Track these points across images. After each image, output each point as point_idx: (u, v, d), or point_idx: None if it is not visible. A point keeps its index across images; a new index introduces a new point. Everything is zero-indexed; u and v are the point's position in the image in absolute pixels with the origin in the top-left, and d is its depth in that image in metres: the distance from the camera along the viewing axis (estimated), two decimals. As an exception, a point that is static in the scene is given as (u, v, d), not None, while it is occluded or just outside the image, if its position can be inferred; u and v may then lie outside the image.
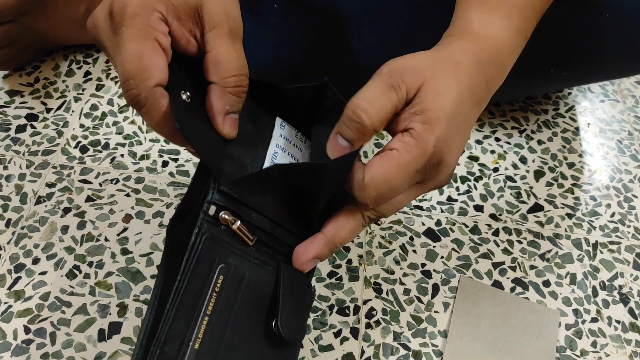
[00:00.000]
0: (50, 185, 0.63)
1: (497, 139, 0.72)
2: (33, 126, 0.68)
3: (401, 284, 0.58)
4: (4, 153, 0.65)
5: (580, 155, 0.71)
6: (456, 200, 0.65)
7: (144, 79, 0.32)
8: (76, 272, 0.56)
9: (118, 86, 0.73)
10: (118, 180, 0.63)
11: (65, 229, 0.59)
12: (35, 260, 0.57)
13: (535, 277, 0.60)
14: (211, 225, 0.34)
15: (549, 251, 0.62)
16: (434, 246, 0.61)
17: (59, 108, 0.70)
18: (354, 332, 0.54)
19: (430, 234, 0.62)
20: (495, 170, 0.69)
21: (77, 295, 0.55)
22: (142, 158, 0.66)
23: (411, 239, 0.61)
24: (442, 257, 0.60)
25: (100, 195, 0.62)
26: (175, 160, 0.66)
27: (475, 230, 0.63)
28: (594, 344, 0.56)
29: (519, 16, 0.41)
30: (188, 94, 0.35)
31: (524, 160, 0.70)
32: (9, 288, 0.55)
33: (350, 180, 0.35)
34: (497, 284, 0.59)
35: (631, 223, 0.65)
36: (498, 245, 0.62)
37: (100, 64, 0.75)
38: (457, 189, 0.66)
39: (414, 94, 0.36)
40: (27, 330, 0.52)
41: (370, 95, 0.36)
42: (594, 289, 0.60)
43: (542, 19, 0.45)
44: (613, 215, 0.66)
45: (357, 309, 0.56)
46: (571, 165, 0.70)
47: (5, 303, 0.54)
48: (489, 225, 0.63)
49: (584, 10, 0.58)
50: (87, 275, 0.56)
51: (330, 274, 0.58)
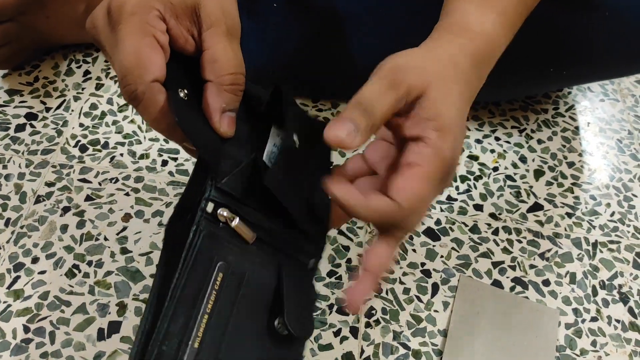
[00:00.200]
0: (49, 184, 0.63)
1: (497, 138, 0.72)
2: (32, 125, 0.68)
3: (401, 283, 0.58)
4: (4, 152, 0.65)
5: (580, 155, 0.71)
6: (456, 200, 0.65)
7: (141, 75, 0.32)
8: (75, 272, 0.56)
9: (117, 85, 0.73)
10: (117, 180, 0.63)
11: (64, 228, 0.59)
12: (35, 260, 0.57)
13: (535, 277, 0.60)
14: (209, 222, 0.33)
15: (549, 250, 0.62)
16: (434, 245, 0.61)
17: (58, 107, 0.70)
18: (354, 332, 0.54)
19: (429, 233, 0.62)
20: (495, 169, 0.69)
21: (77, 295, 0.55)
22: (142, 157, 0.66)
23: (411, 238, 0.61)
24: (442, 257, 0.60)
25: (99, 194, 0.62)
26: (175, 159, 0.66)
27: (475, 229, 0.63)
28: (594, 343, 0.56)
29: (513, 13, 0.41)
30: (186, 91, 0.35)
31: (523, 159, 0.70)
32: (8, 287, 0.55)
33: (380, 213, 0.34)
34: (497, 283, 0.59)
35: (631, 222, 0.65)
36: (498, 245, 0.62)
37: (99, 63, 0.75)
38: (457, 188, 0.66)
39: (417, 96, 0.35)
40: (27, 329, 0.52)
41: (374, 92, 0.35)
42: (594, 288, 0.59)
43: (541, 18, 0.45)
44: (613, 214, 0.66)
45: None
46: (571, 164, 0.70)
47: (4, 302, 0.54)
48: (489, 225, 0.63)
49: (582, 10, 0.58)
50: (87, 275, 0.56)
51: (330, 273, 0.58)
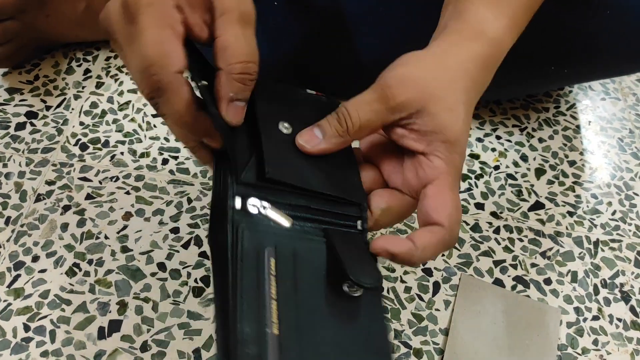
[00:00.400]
0: (49, 183, 0.62)
1: (498, 137, 0.72)
2: (33, 124, 0.68)
3: (402, 282, 0.58)
4: (4, 151, 0.65)
5: (581, 153, 0.71)
6: (457, 198, 0.65)
7: (166, 65, 0.32)
8: (76, 270, 0.56)
9: (118, 84, 0.72)
10: (118, 178, 0.63)
11: (65, 226, 0.59)
12: (35, 258, 0.57)
13: (537, 275, 0.60)
14: (243, 216, 0.33)
15: (550, 249, 0.62)
16: (435, 244, 0.61)
17: (58, 106, 0.70)
18: (355, 330, 0.54)
19: (431, 231, 0.62)
20: (496, 168, 0.68)
21: (77, 293, 0.55)
22: (142, 156, 0.65)
23: (412, 236, 0.61)
24: (443, 255, 0.60)
25: (100, 193, 0.62)
26: (175, 158, 0.66)
27: (476, 228, 0.63)
28: (595, 342, 0.56)
29: (521, 18, 0.41)
30: (205, 82, 0.34)
31: (524, 158, 0.70)
32: (9, 286, 0.55)
33: (434, 247, 0.35)
34: (498, 282, 0.59)
35: (632, 221, 0.65)
36: (499, 243, 0.62)
37: (100, 61, 0.75)
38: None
39: (417, 109, 0.36)
40: (27, 328, 0.52)
41: (359, 102, 0.37)
42: (595, 287, 0.59)
43: (543, 16, 0.45)
44: (614, 213, 0.65)
45: (358, 307, 0.56)
46: (572, 163, 0.70)
47: (4, 301, 0.54)
48: (490, 223, 0.63)
49: (584, 8, 0.58)
50: (87, 273, 0.56)
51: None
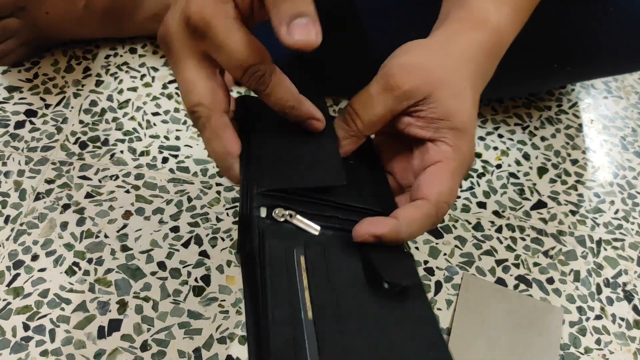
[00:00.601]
0: (49, 181, 0.62)
1: (500, 136, 0.71)
2: (32, 122, 0.67)
3: (403, 281, 0.57)
4: (3, 149, 0.65)
5: (584, 152, 0.71)
6: (459, 197, 0.65)
7: (263, 60, 0.32)
8: (75, 269, 0.56)
9: (118, 82, 0.72)
10: (118, 177, 0.63)
11: (64, 225, 0.59)
12: (35, 257, 0.56)
13: (539, 274, 0.59)
14: (269, 224, 0.33)
15: (553, 248, 0.61)
16: (437, 243, 0.61)
17: (58, 104, 0.69)
18: (356, 330, 0.54)
19: (432, 230, 0.61)
20: (498, 166, 0.68)
21: (77, 292, 0.54)
22: (142, 154, 0.65)
23: (413, 235, 0.61)
24: (445, 254, 0.60)
25: (99, 191, 0.62)
26: (175, 156, 0.65)
27: (478, 227, 0.62)
28: (598, 342, 0.55)
29: (524, 8, 0.41)
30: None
31: (527, 156, 0.70)
32: (8, 285, 0.54)
33: (419, 223, 0.34)
34: (501, 281, 0.58)
35: (635, 220, 0.65)
36: (501, 242, 0.61)
37: (99, 59, 0.74)
38: (460, 185, 0.66)
39: (423, 97, 0.35)
40: (26, 327, 0.52)
41: (364, 97, 0.36)
42: (598, 286, 0.59)
43: (545, 14, 0.45)
44: (617, 212, 0.65)
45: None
46: (574, 161, 0.70)
47: (4, 300, 0.53)
48: (492, 222, 0.63)
49: (586, 6, 0.57)
50: (87, 272, 0.56)
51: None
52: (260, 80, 0.32)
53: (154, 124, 0.68)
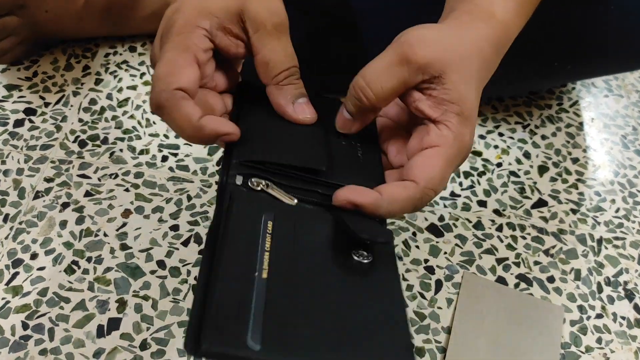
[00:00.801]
0: (48, 180, 0.62)
1: (501, 134, 0.71)
2: (31, 120, 0.67)
3: (404, 279, 0.57)
4: (2, 148, 0.64)
5: (584, 151, 0.71)
6: (459, 196, 0.64)
7: (168, 82, 0.33)
8: (75, 268, 0.56)
9: (117, 81, 0.72)
10: (117, 175, 0.63)
11: (63, 224, 0.58)
12: (34, 256, 0.56)
13: (540, 273, 0.59)
14: (243, 190, 0.33)
15: (553, 247, 0.61)
16: (437, 242, 0.60)
17: (57, 102, 0.69)
18: (356, 329, 0.54)
19: (433, 229, 0.61)
20: (499, 165, 0.68)
21: (76, 291, 0.54)
22: (142, 153, 0.65)
23: (414, 234, 0.61)
24: (446, 253, 0.60)
25: (99, 190, 0.61)
26: (175, 155, 0.65)
27: (478, 225, 0.62)
28: (599, 340, 0.55)
29: (530, 5, 0.41)
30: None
31: (527, 155, 0.69)
32: (7, 284, 0.54)
33: (401, 202, 0.34)
34: (501, 280, 0.58)
35: (636, 218, 0.64)
36: (502, 241, 0.61)
37: (99, 58, 0.74)
38: (461, 184, 0.66)
39: (437, 73, 0.35)
40: (25, 326, 0.52)
41: (377, 69, 0.35)
42: (599, 285, 0.59)
43: (545, 12, 0.45)
44: (617, 210, 0.65)
45: (360, 305, 0.55)
46: (575, 160, 0.70)
47: (3, 299, 0.53)
48: (493, 221, 0.63)
49: (588, 4, 0.57)
50: (86, 271, 0.55)
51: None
52: (156, 101, 0.34)
53: (154, 123, 0.68)
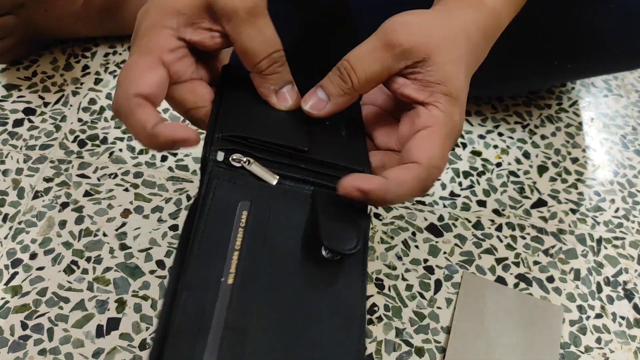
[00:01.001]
0: (48, 179, 0.62)
1: (500, 134, 0.71)
2: (31, 120, 0.67)
3: (403, 279, 0.57)
4: (1, 147, 0.64)
5: (584, 150, 0.71)
6: (459, 196, 0.64)
7: (126, 87, 0.33)
8: (74, 268, 0.56)
9: (116, 80, 0.72)
10: (116, 175, 0.63)
11: (63, 224, 0.58)
12: (33, 256, 0.56)
13: (539, 273, 0.59)
14: (223, 170, 0.32)
15: (553, 247, 0.61)
16: (437, 242, 0.60)
17: (57, 102, 0.69)
18: (356, 328, 0.54)
19: (432, 229, 0.61)
20: (498, 165, 0.68)
21: (75, 291, 0.54)
22: (141, 152, 0.65)
23: (413, 234, 0.61)
24: (445, 253, 0.60)
25: (98, 190, 0.61)
26: (175, 154, 0.65)
27: (478, 225, 0.62)
28: (599, 340, 0.55)
29: None
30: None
31: (527, 155, 0.69)
32: (6, 283, 0.54)
33: (408, 185, 0.34)
34: (501, 280, 0.58)
35: (635, 218, 0.64)
36: (501, 241, 0.61)
37: (98, 57, 0.74)
38: (460, 184, 0.66)
39: (422, 58, 0.35)
40: (25, 326, 0.52)
41: (361, 54, 0.35)
42: (598, 284, 0.59)
43: (545, 11, 0.45)
44: (617, 210, 0.65)
45: (359, 305, 0.55)
46: (575, 160, 0.70)
47: (2, 298, 0.53)
48: (492, 221, 0.63)
49: (587, 3, 0.57)
50: (85, 271, 0.55)
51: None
52: (115, 107, 0.33)
53: (153, 122, 0.68)
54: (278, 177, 0.33)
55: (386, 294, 0.56)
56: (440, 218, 0.62)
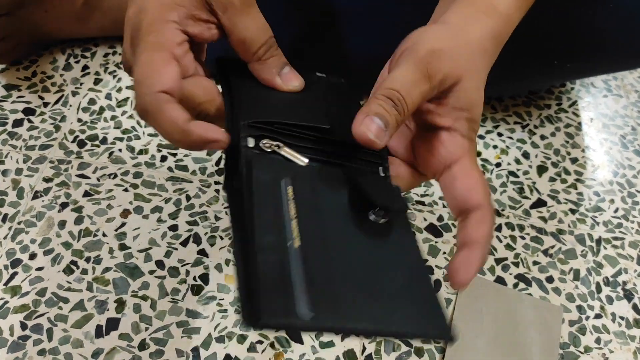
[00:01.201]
0: (47, 180, 0.62)
1: (500, 134, 0.71)
2: (30, 120, 0.67)
3: (403, 279, 0.57)
4: (1, 148, 0.64)
5: (584, 151, 0.71)
6: (458, 196, 0.64)
7: (149, 85, 0.32)
8: (73, 268, 0.56)
9: (116, 80, 0.72)
10: (116, 175, 0.63)
11: (62, 224, 0.58)
12: (32, 256, 0.56)
13: (539, 273, 0.59)
14: (257, 154, 0.34)
15: (552, 247, 0.61)
16: (436, 242, 0.60)
17: (56, 102, 0.69)
18: (355, 329, 0.54)
19: (432, 229, 0.61)
20: (498, 165, 0.68)
21: (75, 291, 0.54)
22: (141, 153, 0.65)
23: (413, 234, 0.61)
24: (445, 253, 0.60)
25: (98, 190, 0.61)
26: (174, 154, 0.65)
27: (477, 225, 0.62)
28: (598, 340, 0.55)
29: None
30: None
31: (526, 155, 0.69)
32: (6, 284, 0.54)
33: (486, 227, 0.35)
34: (500, 280, 0.58)
35: (635, 218, 0.64)
36: (501, 241, 0.61)
37: (98, 58, 0.74)
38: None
39: (451, 84, 0.35)
40: (24, 326, 0.52)
41: (407, 83, 0.34)
42: (598, 285, 0.59)
43: (544, 10, 0.44)
44: (617, 210, 0.65)
45: (358, 305, 0.55)
46: (574, 160, 0.70)
47: (1, 299, 0.53)
48: (492, 221, 0.63)
49: (587, 2, 0.57)
50: (85, 271, 0.55)
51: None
52: (141, 106, 0.33)
53: (153, 123, 0.68)
54: (307, 160, 0.35)
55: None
56: (440, 218, 0.62)
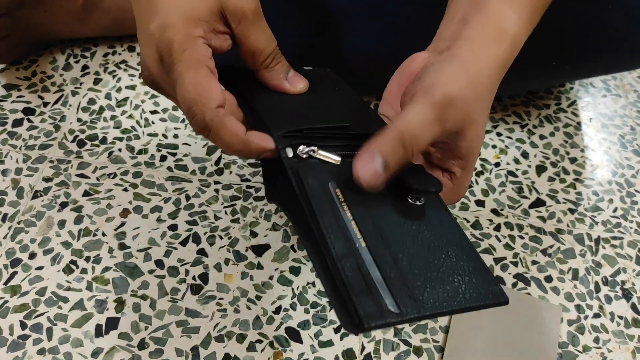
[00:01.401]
0: (47, 179, 0.62)
1: (499, 134, 0.71)
2: (30, 120, 0.67)
3: (402, 279, 0.57)
4: (1, 147, 0.64)
5: (582, 150, 0.71)
6: (457, 195, 0.65)
7: (205, 103, 0.33)
8: (73, 267, 0.56)
9: (116, 80, 0.72)
10: (116, 175, 0.63)
11: (62, 223, 0.59)
12: (32, 255, 0.56)
13: (537, 273, 0.59)
14: (298, 162, 0.35)
15: (551, 246, 0.61)
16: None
17: (56, 102, 0.69)
18: (354, 328, 0.54)
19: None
20: (497, 165, 0.68)
21: (74, 291, 0.54)
22: (140, 152, 0.65)
23: (412, 234, 0.61)
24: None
25: (97, 189, 0.61)
26: (174, 154, 0.65)
27: (476, 225, 0.62)
28: (597, 340, 0.55)
29: (540, 14, 0.41)
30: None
31: (525, 155, 0.69)
32: (5, 283, 0.54)
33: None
34: (499, 279, 0.58)
35: (633, 218, 0.65)
36: (500, 241, 0.61)
37: (98, 58, 0.74)
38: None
39: (456, 131, 0.36)
40: (24, 325, 0.52)
41: (421, 124, 0.34)
42: (596, 284, 0.59)
43: (546, 12, 0.45)
44: (615, 210, 0.65)
45: (357, 305, 0.55)
46: (573, 160, 0.70)
47: (1, 298, 0.53)
48: (491, 221, 0.63)
49: (586, 3, 0.57)
50: (84, 271, 0.55)
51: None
52: (202, 125, 0.34)
53: (152, 122, 0.68)
54: (340, 158, 0.36)
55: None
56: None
